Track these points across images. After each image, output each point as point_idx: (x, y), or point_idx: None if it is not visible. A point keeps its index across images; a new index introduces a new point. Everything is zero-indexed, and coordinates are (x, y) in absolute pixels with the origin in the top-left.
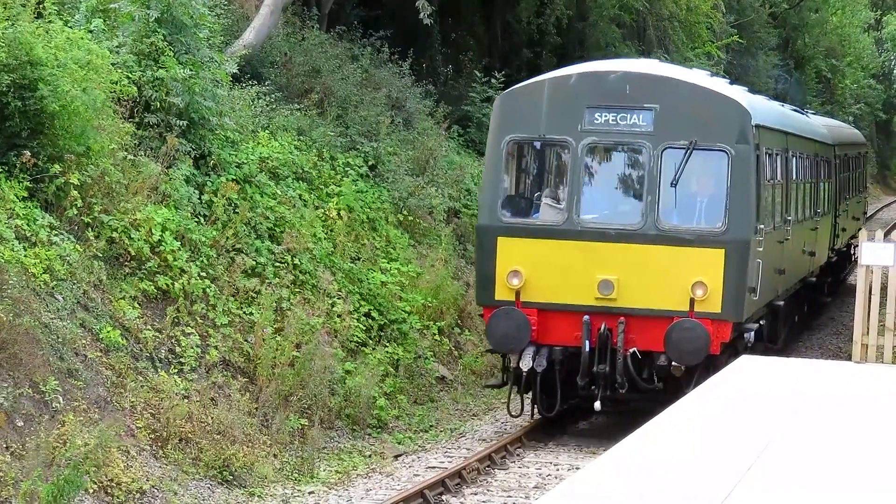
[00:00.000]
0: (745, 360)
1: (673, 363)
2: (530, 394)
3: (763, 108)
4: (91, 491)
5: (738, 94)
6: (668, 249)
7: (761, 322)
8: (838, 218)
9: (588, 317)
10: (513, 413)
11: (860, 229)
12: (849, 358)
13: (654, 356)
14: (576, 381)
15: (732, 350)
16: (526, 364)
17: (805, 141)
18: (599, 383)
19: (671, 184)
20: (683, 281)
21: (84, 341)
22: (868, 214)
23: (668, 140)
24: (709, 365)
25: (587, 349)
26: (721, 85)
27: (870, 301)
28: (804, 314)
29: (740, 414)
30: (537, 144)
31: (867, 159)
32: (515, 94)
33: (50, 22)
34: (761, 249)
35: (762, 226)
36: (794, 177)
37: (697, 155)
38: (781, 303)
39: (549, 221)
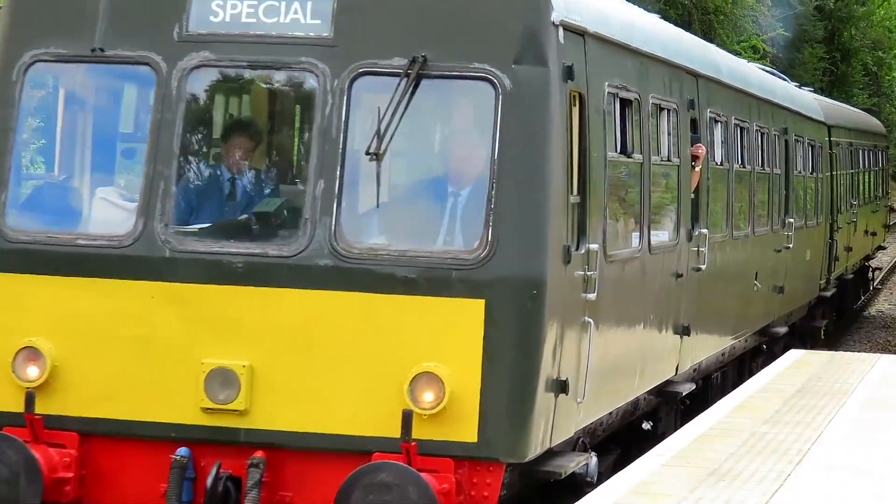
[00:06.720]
0: (793, 353)
1: None
2: None
3: (602, 4)
4: None
5: None
6: (359, 300)
7: (648, 424)
8: (836, 232)
9: (186, 450)
10: None
11: (880, 248)
12: None
13: None
14: None
15: None
16: None
17: (754, 102)
18: None
19: (369, 154)
20: (393, 371)
21: None
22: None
23: (365, 57)
24: None
25: None
26: None
27: None
28: None
29: (791, 406)
30: (87, 70)
31: (888, 155)
32: None
33: None
34: (593, 296)
35: (594, 245)
36: (723, 159)
37: (430, 90)
38: (691, 386)
39: (107, 238)
